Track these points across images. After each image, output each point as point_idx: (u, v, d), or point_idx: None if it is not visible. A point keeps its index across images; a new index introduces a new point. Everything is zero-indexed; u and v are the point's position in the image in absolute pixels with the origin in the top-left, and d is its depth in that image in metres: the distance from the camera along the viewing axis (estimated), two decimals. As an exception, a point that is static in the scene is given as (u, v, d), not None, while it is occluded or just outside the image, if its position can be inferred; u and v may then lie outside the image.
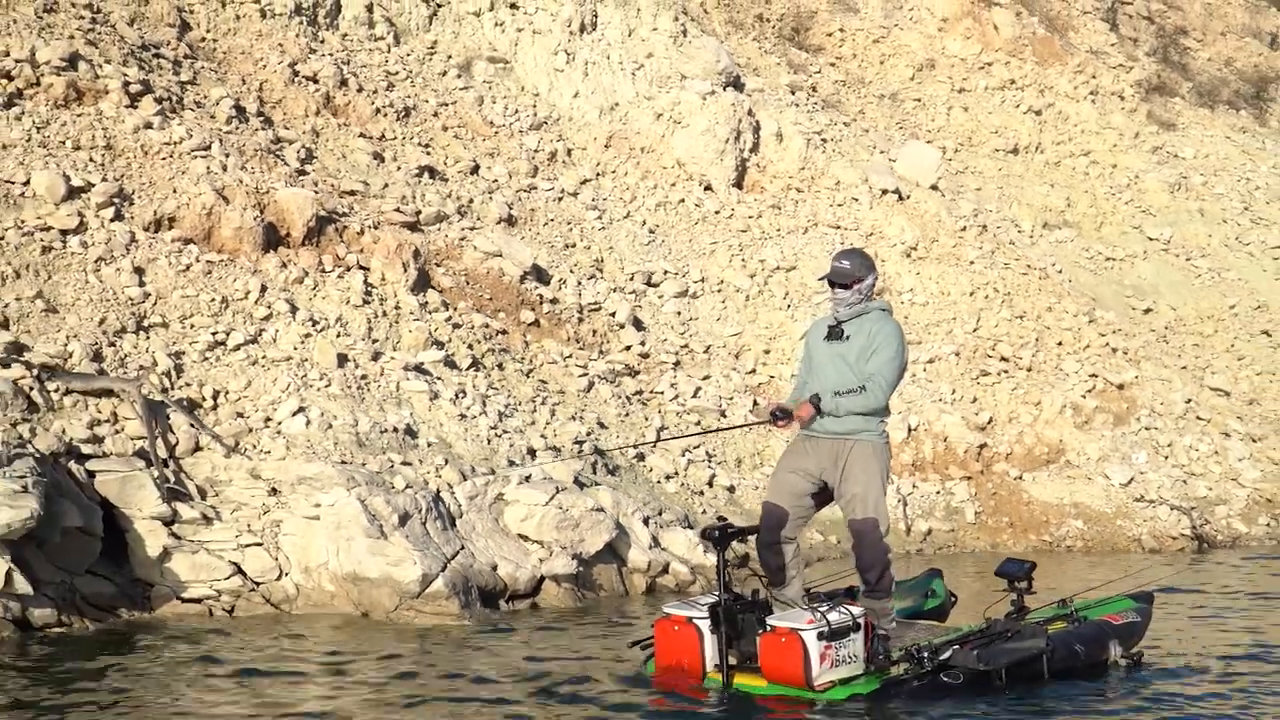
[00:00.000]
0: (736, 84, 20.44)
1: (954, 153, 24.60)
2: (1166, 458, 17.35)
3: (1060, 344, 18.72)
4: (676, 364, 16.39)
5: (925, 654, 8.49)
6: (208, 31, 17.14)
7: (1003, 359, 17.99)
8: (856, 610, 8.45)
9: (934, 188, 21.24)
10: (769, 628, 8.28)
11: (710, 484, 14.75)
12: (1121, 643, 9.45)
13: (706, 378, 16.36)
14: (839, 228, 19.27)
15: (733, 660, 8.40)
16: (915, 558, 15.01)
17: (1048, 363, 18.27)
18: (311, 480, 10.93)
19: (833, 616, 8.27)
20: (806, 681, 8.15)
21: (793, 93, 22.08)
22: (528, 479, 11.94)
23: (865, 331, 8.69)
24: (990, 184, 24.18)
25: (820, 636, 8.17)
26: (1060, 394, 17.62)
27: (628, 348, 16.19)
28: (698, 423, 15.53)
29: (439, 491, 11.46)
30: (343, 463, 11.17)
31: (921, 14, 27.45)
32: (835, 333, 8.76)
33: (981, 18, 27.85)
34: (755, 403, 16.29)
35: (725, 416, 15.84)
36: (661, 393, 15.79)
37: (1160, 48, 33.10)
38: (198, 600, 10.74)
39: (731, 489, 14.85)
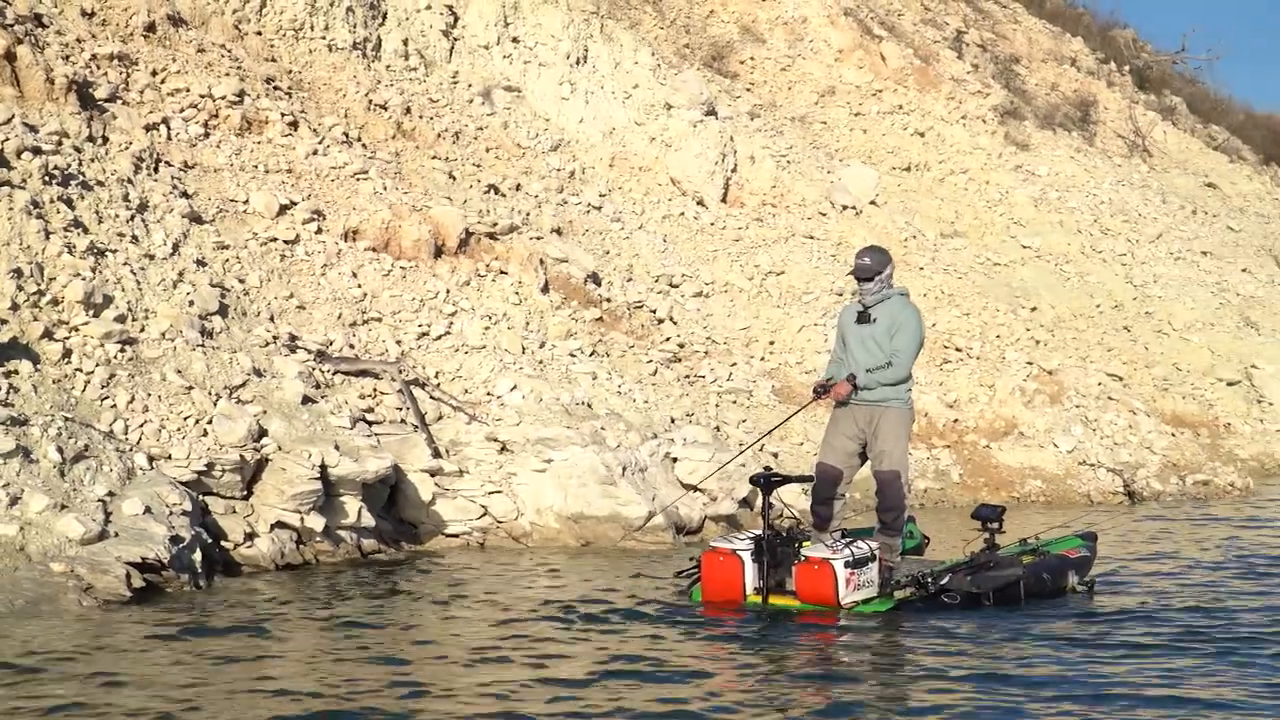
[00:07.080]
0: (713, 111, 23.74)
1: (859, 170, 28.21)
2: (1095, 430, 21.14)
3: (999, 336, 22.44)
4: (706, 353, 19.58)
5: (929, 579, 10.48)
6: (291, 64, 19.77)
7: (957, 349, 21.61)
8: (873, 544, 10.43)
9: (873, 203, 24.85)
10: (804, 558, 10.19)
11: (760, 449, 18.01)
12: (1077, 572, 11.46)
13: (734, 365, 19.58)
14: (813, 238, 22.74)
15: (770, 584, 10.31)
16: (914, 510, 18.48)
17: (992, 352, 21.96)
18: (548, 440, 13.95)
19: (855, 549, 10.20)
20: (836, 602, 10.01)
21: (751, 119, 25.47)
22: (685, 440, 15.13)
23: (889, 314, 10.67)
24: (894, 199, 27.84)
25: (846, 565, 10.04)
26: (1007, 378, 21.29)
27: (667, 339, 19.32)
28: (734, 402, 18.75)
29: (630, 450, 14.57)
30: (567, 427, 14.20)
31: (820, 45, 31.13)
32: (864, 317, 10.74)
33: (871, 49, 31.65)
34: (773, 387, 19.61)
35: (752, 396, 19.09)
36: (703, 376, 18.97)
37: (1001, 74, 37.27)
38: (457, 535, 13.68)
39: (775, 455, 18.12)
